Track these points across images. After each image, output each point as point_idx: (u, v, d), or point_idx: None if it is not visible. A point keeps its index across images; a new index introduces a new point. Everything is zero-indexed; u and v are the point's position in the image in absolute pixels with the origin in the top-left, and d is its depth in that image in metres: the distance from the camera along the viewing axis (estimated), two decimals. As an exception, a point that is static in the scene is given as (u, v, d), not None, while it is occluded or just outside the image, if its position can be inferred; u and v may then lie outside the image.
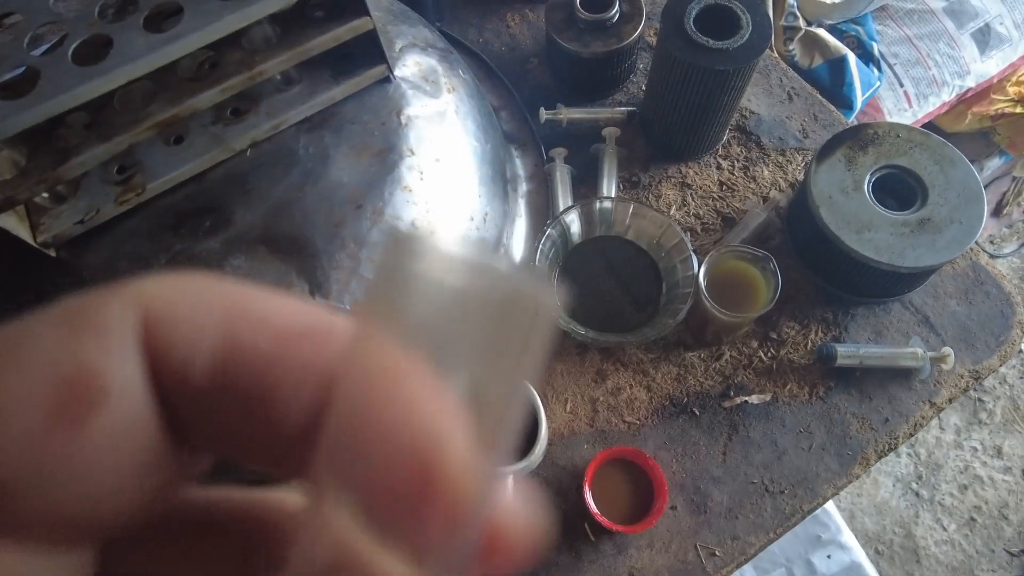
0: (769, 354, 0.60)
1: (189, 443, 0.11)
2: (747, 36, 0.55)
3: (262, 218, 0.50)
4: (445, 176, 0.53)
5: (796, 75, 0.71)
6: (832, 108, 0.70)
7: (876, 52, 1.16)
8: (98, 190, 0.51)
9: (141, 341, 0.10)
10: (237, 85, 0.48)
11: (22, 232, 0.49)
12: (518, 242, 0.63)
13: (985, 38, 1.21)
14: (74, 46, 0.43)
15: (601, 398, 0.59)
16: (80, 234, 0.50)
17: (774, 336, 0.60)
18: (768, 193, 0.66)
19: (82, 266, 0.51)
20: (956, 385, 0.59)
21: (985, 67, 1.23)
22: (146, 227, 0.51)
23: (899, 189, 0.58)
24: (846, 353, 0.57)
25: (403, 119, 0.52)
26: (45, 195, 0.49)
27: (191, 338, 0.10)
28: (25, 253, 0.49)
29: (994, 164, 1.44)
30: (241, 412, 0.10)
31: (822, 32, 1.10)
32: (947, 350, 0.57)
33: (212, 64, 0.49)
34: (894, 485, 1.44)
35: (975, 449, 1.48)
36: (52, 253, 0.50)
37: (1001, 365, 0.59)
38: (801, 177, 0.67)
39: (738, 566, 0.54)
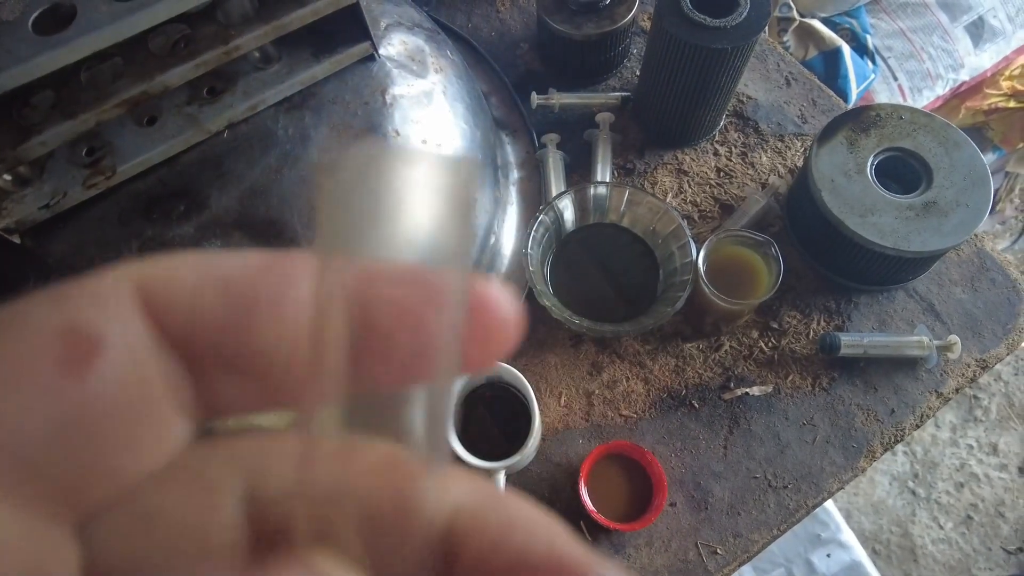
0: (770, 344, 0.58)
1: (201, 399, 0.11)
2: (745, 13, 0.53)
3: (238, 202, 0.47)
4: (432, 159, 0.51)
5: (794, 60, 0.70)
6: (831, 93, 0.68)
7: (870, 45, 1.15)
8: (65, 173, 0.48)
9: (139, 302, 0.11)
10: (211, 61, 0.45)
11: (-18, 217, 0.46)
12: (509, 230, 0.60)
13: (979, 31, 1.20)
14: (35, 15, 0.40)
15: (597, 391, 0.56)
16: (46, 220, 0.47)
17: (775, 326, 0.58)
18: (767, 179, 0.64)
19: (48, 253, 0.48)
20: (963, 375, 0.57)
21: (979, 60, 1.22)
22: (116, 212, 0.48)
23: (903, 172, 0.56)
24: (850, 342, 0.55)
25: (388, 99, 0.50)
26: (7, 177, 0.47)
27: (191, 295, 0.11)
28: (-14, 240, 0.46)
29: (987, 160, 1.43)
30: (240, 356, 0.11)
31: (816, 24, 1.09)
32: (953, 338, 0.55)
33: (187, 41, 0.47)
34: (890, 484, 1.43)
35: (971, 447, 1.47)
36: (16, 240, 0.48)
37: (1009, 354, 0.57)
38: (800, 163, 0.65)
39: (740, 564, 0.52)
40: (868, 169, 0.55)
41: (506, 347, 0.12)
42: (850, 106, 1.07)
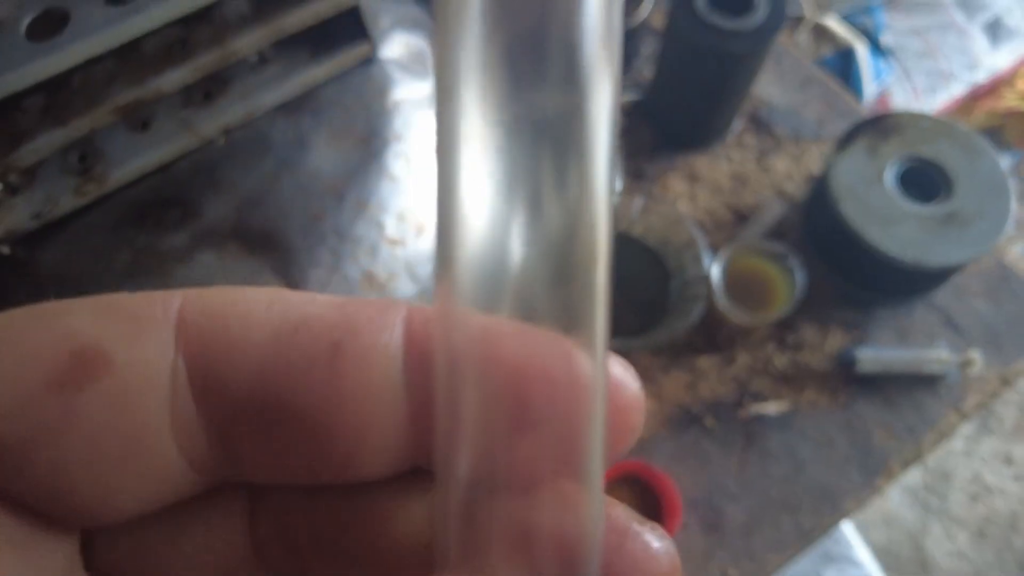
0: (786, 358, 0.56)
1: (232, 456, 0.10)
2: (762, 16, 0.51)
3: (234, 210, 0.46)
4: (436, 165, 0.49)
5: (810, 62, 0.68)
6: (849, 97, 0.66)
7: (884, 44, 1.13)
8: (56, 180, 0.46)
9: (179, 333, 0.10)
10: (207, 64, 0.44)
11: (-30, 226, 0.44)
12: (515, 239, 0.59)
13: (995, 31, 1.18)
14: (27, 20, 0.39)
15: (605, 406, 0.55)
16: (36, 228, 0.46)
17: (791, 339, 0.56)
18: (783, 186, 0.62)
19: (38, 263, 0.46)
20: (984, 391, 0.55)
21: (995, 60, 1.19)
22: (109, 221, 0.47)
23: (923, 181, 0.54)
24: (869, 357, 0.53)
25: (389, 103, 0.48)
26: (-4, 185, 0.45)
27: (240, 333, 0.10)
28: (-26, 249, 0.45)
29: (1003, 163, 1.41)
30: (295, 426, 0.10)
31: (830, 22, 1.07)
32: (974, 353, 0.53)
33: (182, 44, 0.45)
34: (902, 496, 1.40)
35: (984, 458, 1.44)
36: (5, 250, 0.46)
37: (1034, 369, 0.55)
38: (817, 169, 0.63)
39: (755, 588, 0.50)
40: (889, 177, 0.53)
41: (634, 436, 0.10)
42: (863, 104, 1.05)
